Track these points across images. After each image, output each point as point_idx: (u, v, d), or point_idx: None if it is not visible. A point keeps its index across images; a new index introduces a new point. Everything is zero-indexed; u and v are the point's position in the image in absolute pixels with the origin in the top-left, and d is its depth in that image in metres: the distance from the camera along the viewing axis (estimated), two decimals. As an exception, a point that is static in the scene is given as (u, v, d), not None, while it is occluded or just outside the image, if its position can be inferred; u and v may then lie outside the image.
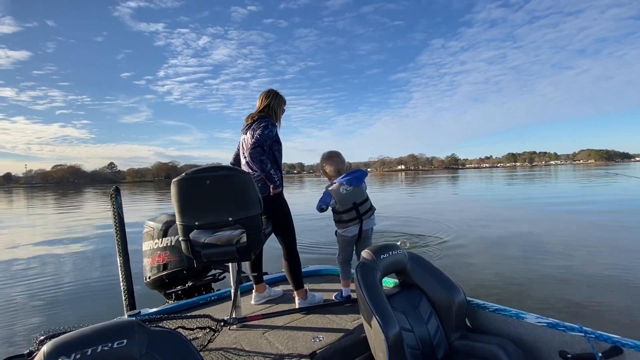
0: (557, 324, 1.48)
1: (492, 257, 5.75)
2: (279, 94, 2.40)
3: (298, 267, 2.28)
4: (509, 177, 40.22)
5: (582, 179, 28.78)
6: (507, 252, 6.06)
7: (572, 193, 16.57)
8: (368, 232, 2.29)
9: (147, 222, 2.94)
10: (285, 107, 2.46)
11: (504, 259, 5.56)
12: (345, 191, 2.22)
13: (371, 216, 2.27)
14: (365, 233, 2.26)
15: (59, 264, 6.67)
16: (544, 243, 6.55)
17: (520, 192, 19.03)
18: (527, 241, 6.76)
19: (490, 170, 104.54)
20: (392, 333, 1.38)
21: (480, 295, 3.64)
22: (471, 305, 1.77)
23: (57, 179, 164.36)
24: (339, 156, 2.40)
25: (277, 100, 2.38)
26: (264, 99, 2.36)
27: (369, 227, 2.28)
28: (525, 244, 6.56)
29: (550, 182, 26.16)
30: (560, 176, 36.10)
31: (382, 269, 1.62)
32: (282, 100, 2.41)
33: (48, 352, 0.86)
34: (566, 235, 7.15)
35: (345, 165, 2.39)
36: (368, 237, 2.30)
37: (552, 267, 5.01)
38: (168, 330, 1.08)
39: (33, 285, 5.37)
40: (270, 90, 2.40)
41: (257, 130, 2.20)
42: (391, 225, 8.85)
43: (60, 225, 12.89)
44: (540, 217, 10.01)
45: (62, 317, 4.04)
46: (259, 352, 1.70)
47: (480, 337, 1.61)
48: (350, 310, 2.12)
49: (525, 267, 5.07)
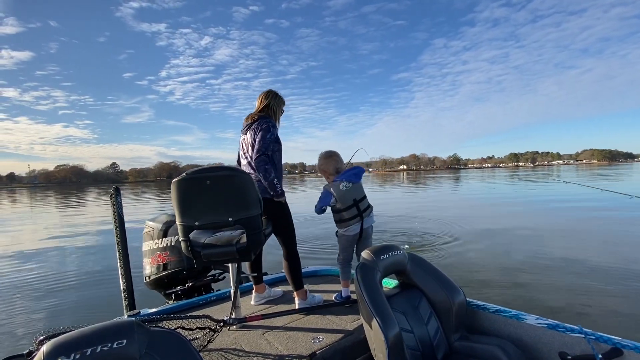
0: (557, 325, 1.48)
1: (498, 256, 5.75)
2: (279, 95, 2.40)
3: (298, 268, 2.27)
4: (510, 177, 40.46)
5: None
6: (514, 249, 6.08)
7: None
8: (369, 230, 2.29)
9: (147, 222, 2.94)
10: (284, 108, 2.46)
11: (511, 260, 5.56)
12: (345, 188, 2.22)
13: (370, 214, 2.28)
14: (366, 231, 2.25)
15: (59, 264, 6.68)
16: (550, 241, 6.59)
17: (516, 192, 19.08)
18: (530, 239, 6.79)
19: (493, 170, 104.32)
20: (392, 334, 1.38)
21: (491, 295, 3.62)
22: (471, 306, 1.77)
23: (60, 179, 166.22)
24: (338, 155, 2.40)
25: (277, 101, 2.38)
26: (263, 99, 2.36)
27: (369, 224, 2.28)
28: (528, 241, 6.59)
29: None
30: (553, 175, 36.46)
31: (382, 270, 1.62)
32: (281, 101, 2.41)
33: (47, 352, 0.86)
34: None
35: (344, 164, 2.39)
36: (369, 235, 2.30)
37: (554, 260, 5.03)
38: (168, 330, 1.08)
39: (33, 285, 5.38)
40: (269, 90, 2.40)
41: (258, 133, 2.20)
42: (392, 225, 8.85)
43: (62, 224, 12.92)
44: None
45: (62, 317, 4.05)
46: (258, 352, 1.70)
47: (480, 338, 1.60)
48: (350, 311, 2.12)
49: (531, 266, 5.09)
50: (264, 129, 2.19)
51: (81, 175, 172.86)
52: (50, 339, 1.13)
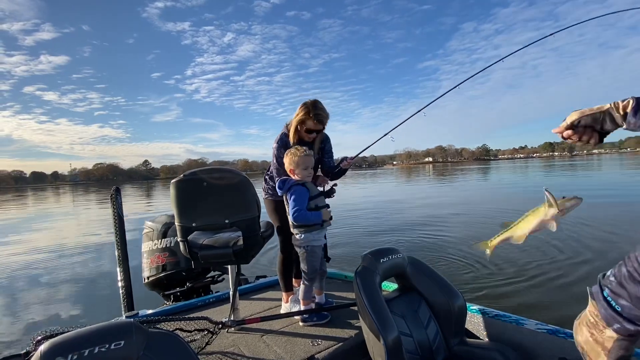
0: (557, 330, 1.48)
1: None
2: (303, 106, 2.13)
3: (286, 269, 2.25)
4: (545, 168, 37.01)
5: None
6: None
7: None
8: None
9: (147, 223, 2.94)
10: (311, 122, 2.11)
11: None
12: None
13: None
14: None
15: (59, 263, 6.67)
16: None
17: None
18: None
19: (525, 161, 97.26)
20: (390, 337, 1.37)
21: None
22: (471, 310, 1.76)
23: (98, 177, 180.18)
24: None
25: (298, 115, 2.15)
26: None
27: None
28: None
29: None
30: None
31: (381, 273, 1.61)
32: (300, 114, 2.12)
33: (45, 353, 0.85)
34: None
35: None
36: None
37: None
38: (166, 332, 1.08)
39: (32, 286, 5.38)
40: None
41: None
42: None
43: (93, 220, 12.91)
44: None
45: (60, 318, 4.04)
46: (256, 355, 1.70)
47: (479, 343, 1.60)
48: (349, 314, 2.11)
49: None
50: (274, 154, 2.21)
51: (117, 173, 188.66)
52: (47, 339, 1.12)
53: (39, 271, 6.17)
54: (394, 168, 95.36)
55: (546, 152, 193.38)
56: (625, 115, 0.79)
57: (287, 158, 2.04)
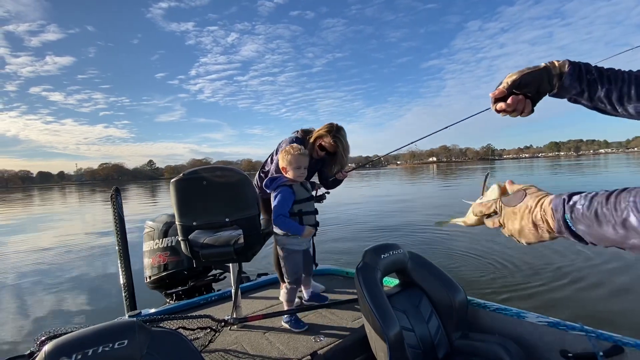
0: (558, 323, 1.48)
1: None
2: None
3: (278, 262, 2.24)
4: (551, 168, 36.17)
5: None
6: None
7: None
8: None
9: (148, 223, 2.94)
10: (328, 140, 2.21)
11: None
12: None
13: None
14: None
15: (59, 264, 6.68)
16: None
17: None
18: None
19: (531, 161, 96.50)
20: (392, 332, 1.38)
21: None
22: (472, 304, 1.77)
23: (104, 177, 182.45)
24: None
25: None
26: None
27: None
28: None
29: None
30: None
31: (382, 269, 1.62)
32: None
33: (49, 353, 0.86)
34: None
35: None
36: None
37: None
38: (169, 330, 1.08)
39: (32, 285, 5.39)
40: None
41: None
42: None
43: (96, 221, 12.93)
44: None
45: (63, 318, 4.05)
46: (259, 352, 1.71)
47: (481, 337, 1.61)
48: (351, 310, 2.12)
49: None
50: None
51: (122, 173, 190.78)
52: (51, 339, 1.13)
53: (43, 272, 6.17)
54: (398, 168, 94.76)
55: (552, 152, 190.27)
56: (561, 76, 0.79)
57: (281, 155, 2.01)
